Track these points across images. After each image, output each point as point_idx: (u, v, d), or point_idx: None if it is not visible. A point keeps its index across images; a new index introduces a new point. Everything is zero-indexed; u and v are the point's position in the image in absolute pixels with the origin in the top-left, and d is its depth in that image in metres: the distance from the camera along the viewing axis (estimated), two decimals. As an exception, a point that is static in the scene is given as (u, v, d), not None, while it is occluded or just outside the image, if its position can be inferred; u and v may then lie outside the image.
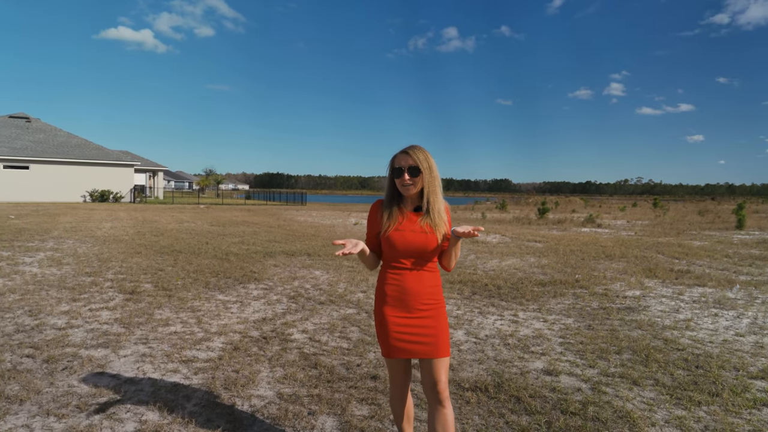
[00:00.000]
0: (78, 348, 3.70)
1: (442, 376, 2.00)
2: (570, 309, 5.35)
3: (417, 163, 1.99)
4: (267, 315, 4.80)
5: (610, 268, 8.12)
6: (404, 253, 2.02)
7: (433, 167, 2.02)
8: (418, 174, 2.00)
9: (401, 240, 2.00)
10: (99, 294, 5.44)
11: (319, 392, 3.03)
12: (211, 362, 3.50)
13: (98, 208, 23.64)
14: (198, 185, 69.30)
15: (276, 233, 12.94)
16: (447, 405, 1.99)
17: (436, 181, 2.04)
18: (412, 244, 2.01)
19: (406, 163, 2.00)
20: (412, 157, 2.00)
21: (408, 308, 2.02)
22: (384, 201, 2.10)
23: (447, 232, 2.04)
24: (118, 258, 7.96)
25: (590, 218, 20.49)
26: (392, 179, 2.06)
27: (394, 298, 2.02)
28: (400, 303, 2.02)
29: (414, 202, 2.08)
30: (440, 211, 2.03)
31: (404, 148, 2.04)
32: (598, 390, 3.16)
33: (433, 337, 2.00)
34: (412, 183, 2.00)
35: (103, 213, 19.79)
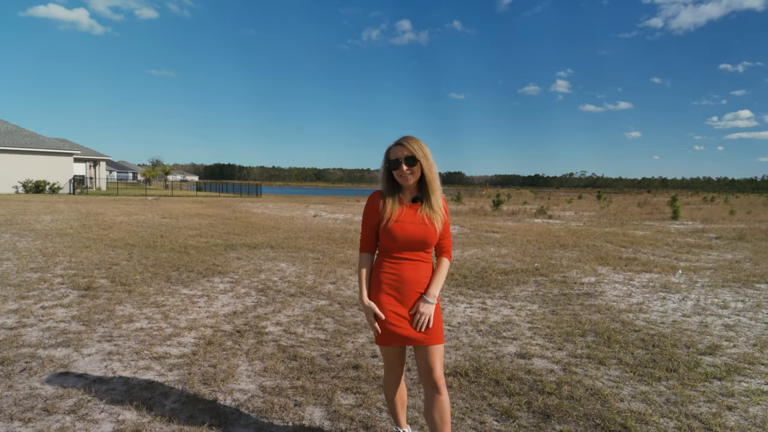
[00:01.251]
0: (35, 348, 3.45)
1: (437, 364, 2.02)
2: (534, 296, 5.59)
3: (413, 153, 2.00)
4: (237, 308, 4.68)
5: (566, 257, 8.53)
6: (404, 245, 2.02)
7: (428, 156, 2.03)
8: (415, 163, 2.00)
9: (402, 232, 2.00)
10: (50, 291, 5.08)
11: (302, 384, 3.01)
12: (185, 358, 3.37)
13: (33, 199, 21.94)
14: (143, 176, 65.84)
15: (234, 226, 12.57)
16: (443, 392, 2.03)
17: (433, 169, 2.05)
18: (413, 236, 2.01)
19: (402, 154, 2.00)
20: (407, 147, 2.00)
21: (403, 297, 2.02)
22: (382, 192, 2.08)
23: (444, 218, 2.07)
24: (65, 252, 7.45)
25: (542, 210, 21.39)
26: (388, 171, 2.06)
27: (390, 286, 2.02)
28: (396, 292, 2.02)
29: (412, 193, 2.09)
30: (439, 201, 2.05)
31: (398, 140, 2.03)
32: (568, 371, 3.34)
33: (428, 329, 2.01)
34: (411, 173, 2.01)
35: (40, 205, 18.40)
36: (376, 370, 3.27)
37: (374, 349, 3.67)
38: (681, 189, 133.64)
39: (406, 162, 1.99)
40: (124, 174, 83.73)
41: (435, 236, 2.04)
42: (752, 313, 5.01)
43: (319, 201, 30.63)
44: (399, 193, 2.08)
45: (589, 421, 2.64)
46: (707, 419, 2.68)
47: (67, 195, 27.44)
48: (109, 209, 17.35)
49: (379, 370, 3.26)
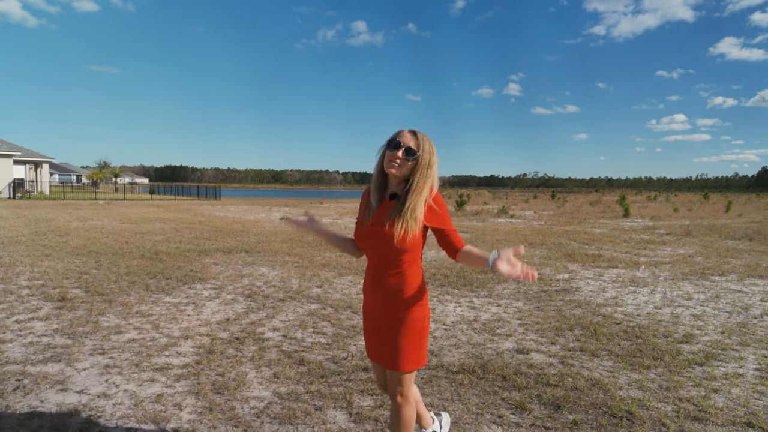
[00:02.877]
0: (22, 365, 3.25)
1: (397, 388, 1.89)
2: (516, 293, 5.81)
3: (419, 150, 1.79)
4: (229, 315, 4.58)
5: (536, 255, 8.90)
6: (366, 250, 1.88)
7: (432, 164, 1.80)
8: (413, 158, 1.78)
9: (360, 234, 1.88)
10: (20, 303, 4.77)
11: (317, 388, 3.01)
12: (189, 368, 3.29)
13: (-31, 205, 20.28)
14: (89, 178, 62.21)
15: (200, 230, 12.19)
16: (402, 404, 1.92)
17: (428, 178, 1.80)
18: (368, 239, 1.84)
19: (407, 141, 1.79)
20: (418, 140, 1.79)
21: (369, 311, 1.92)
22: (372, 188, 1.89)
23: (415, 229, 1.78)
24: (24, 262, 6.99)
25: (503, 210, 22.09)
26: (383, 158, 1.83)
27: (366, 297, 1.94)
28: (367, 302, 1.93)
29: (394, 187, 1.86)
30: (417, 210, 1.76)
31: (412, 129, 1.82)
32: (566, 363, 3.53)
33: (390, 348, 1.85)
34: (401, 164, 1.77)
35: (-20, 211, 17.04)
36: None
37: (379, 351, 3.72)
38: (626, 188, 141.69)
39: (406, 151, 1.77)
40: (67, 177, 78.80)
41: (393, 243, 1.75)
42: (714, 303, 5.45)
43: (282, 203, 30.14)
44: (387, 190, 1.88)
45: (597, 409, 2.81)
46: (699, 402, 2.92)
47: (6, 200, 25.53)
48: (59, 215, 16.33)
49: (389, 371, 3.31)
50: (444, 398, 2.92)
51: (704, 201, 38.12)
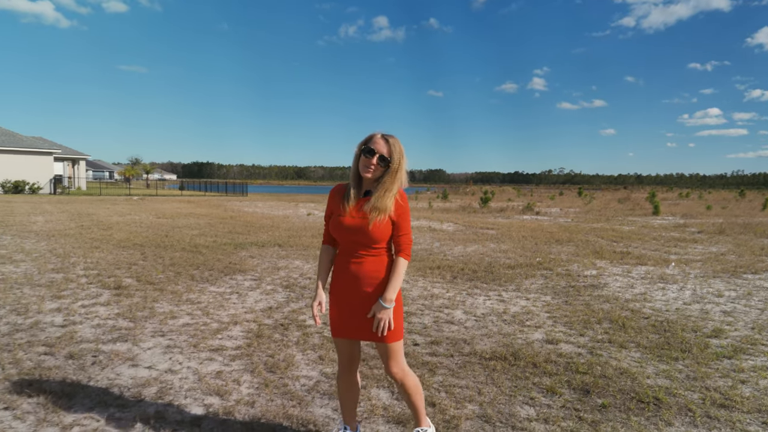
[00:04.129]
0: (94, 343, 3.62)
1: (388, 361, 2.08)
2: (544, 288, 5.96)
3: (390, 156, 1.99)
4: (271, 304, 4.90)
5: (563, 252, 8.97)
6: (343, 239, 2.05)
7: (401, 167, 2.02)
8: (385, 165, 1.99)
9: (337, 226, 2.04)
10: (81, 290, 5.20)
11: (360, 370, 3.26)
12: (241, 349, 3.60)
13: (15, 200, 21.45)
14: (121, 175, 64.45)
15: (232, 225, 12.66)
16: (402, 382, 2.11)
17: (396, 180, 2.02)
18: (347, 230, 2.02)
19: (380, 149, 1.98)
20: (389, 147, 1.99)
21: (351, 292, 2.05)
22: (350, 184, 2.08)
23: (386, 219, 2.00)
24: (77, 253, 7.50)
25: (528, 207, 21.99)
26: (358, 158, 2.03)
27: (340, 280, 2.07)
28: (345, 286, 2.06)
29: (369, 186, 2.06)
30: (386, 201, 1.99)
31: (384, 134, 2.02)
32: (594, 353, 3.69)
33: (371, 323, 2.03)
34: (374, 169, 1.98)
35: (25, 206, 18.04)
36: (423, 356, 3.55)
37: (414, 338, 3.96)
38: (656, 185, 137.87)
39: (379, 159, 1.98)
40: (101, 173, 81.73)
41: (367, 232, 1.98)
42: (745, 300, 5.47)
43: (307, 199, 30.68)
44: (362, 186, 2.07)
45: (625, 395, 2.98)
46: (726, 391, 3.05)
47: (48, 195, 26.82)
48: (99, 209, 17.15)
49: (425, 357, 3.55)
50: (478, 381, 3.13)
51: (740, 198, 36.88)
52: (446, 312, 4.78)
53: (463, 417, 2.65)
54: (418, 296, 5.40)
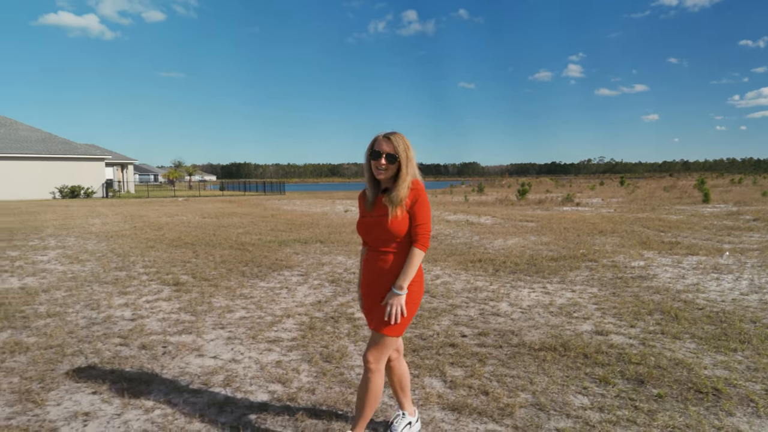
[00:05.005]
0: (162, 335, 3.89)
1: (372, 349, 2.12)
2: (589, 280, 5.87)
3: (396, 152, 2.06)
4: (319, 298, 5.08)
5: (608, 243, 8.75)
6: (368, 239, 2.17)
7: (411, 158, 2.09)
8: (394, 161, 2.07)
9: (361, 227, 2.18)
10: (144, 287, 5.56)
11: (411, 360, 3.37)
12: (296, 341, 3.78)
13: (72, 204, 22.86)
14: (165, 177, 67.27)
15: (274, 223, 13.04)
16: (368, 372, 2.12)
17: (410, 170, 2.09)
18: (369, 230, 2.13)
19: (384, 148, 2.07)
20: (392, 143, 2.07)
21: (372, 288, 2.14)
22: (366, 188, 2.19)
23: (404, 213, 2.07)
24: (135, 253, 7.98)
25: (568, 198, 21.43)
26: (369, 162, 2.12)
27: (365, 278, 2.19)
28: (367, 282, 2.17)
29: (385, 183, 2.15)
30: (401, 192, 2.06)
31: (386, 133, 2.09)
32: (647, 344, 3.64)
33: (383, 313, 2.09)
34: (386, 168, 2.07)
35: (83, 209, 19.21)
36: (472, 347, 3.62)
37: (462, 330, 4.02)
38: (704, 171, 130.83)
39: (386, 158, 2.06)
40: (146, 176, 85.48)
41: (387, 227, 2.06)
42: (808, 290, 5.21)
43: (343, 196, 31.07)
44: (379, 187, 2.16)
45: (682, 385, 2.94)
46: (789, 382, 2.96)
47: (101, 199, 28.43)
48: (148, 211, 18.04)
49: (474, 348, 3.61)
50: (529, 371, 3.17)
51: (799, 183, 34.50)
52: (491, 304, 4.81)
53: (517, 405, 2.70)
54: (461, 289, 5.45)
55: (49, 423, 2.54)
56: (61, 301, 4.91)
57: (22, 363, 3.31)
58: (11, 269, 6.55)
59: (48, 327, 4.08)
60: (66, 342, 3.71)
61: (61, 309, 4.63)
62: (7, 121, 30.99)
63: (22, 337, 3.83)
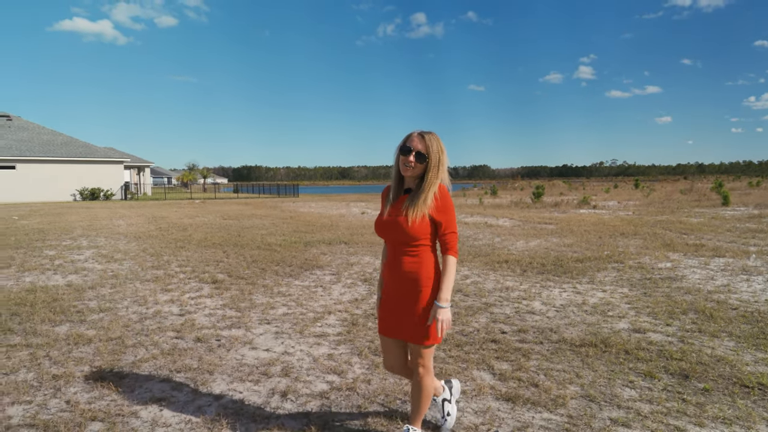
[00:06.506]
0: (213, 330, 4.06)
1: (419, 360, 2.12)
2: (618, 280, 5.94)
3: (427, 152, 2.01)
4: (356, 296, 5.23)
5: (631, 245, 8.78)
6: (386, 238, 2.13)
7: (443, 162, 2.04)
8: (423, 161, 2.02)
9: (378, 225, 2.13)
10: (184, 285, 5.75)
11: (456, 354, 3.50)
12: (342, 335, 3.92)
13: (94, 206, 23.34)
14: (179, 180, 68.16)
15: (295, 225, 13.24)
16: (423, 375, 2.15)
17: (436, 176, 2.04)
18: (386, 229, 2.09)
19: (417, 146, 2.02)
20: (426, 142, 2.02)
21: (391, 291, 2.11)
22: (391, 186, 2.14)
23: (425, 216, 2.02)
24: (167, 252, 8.20)
25: (585, 200, 21.38)
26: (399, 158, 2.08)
27: (385, 279, 2.17)
28: (387, 284, 2.14)
29: (409, 184, 2.11)
30: (427, 197, 2.01)
31: (421, 131, 2.05)
32: (686, 342, 3.72)
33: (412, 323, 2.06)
34: (414, 166, 2.02)
35: (105, 211, 19.62)
36: (513, 343, 3.73)
37: (500, 327, 4.14)
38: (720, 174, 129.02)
39: (416, 156, 2.01)
40: (160, 179, 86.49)
41: (406, 229, 2.01)
42: (841, 291, 5.23)
43: (356, 198, 31.27)
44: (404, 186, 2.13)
45: (726, 380, 3.03)
46: (833, 378, 3.03)
47: (120, 201, 28.96)
48: (168, 213, 18.37)
49: (515, 343, 3.72)
50: (574, 366, 3.28)
51: (820, 186, 33.94)
52: (525, 303, 4.92)
53: (568, 396, 2.82)
54: (493, 288, 5.56)
55: (127, 407, 2.71)
56: (109, 297, 5.12)
57: (88, 353, 3.50)
58: (53, 267, 6.80)
59: (103, 321, 4.28)
60: (124, 335, 3.90)
61: (110, 305, 4.83)
62: (30, 126, 31.74)
63: (81, 329, 4.03)
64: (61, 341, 3.74)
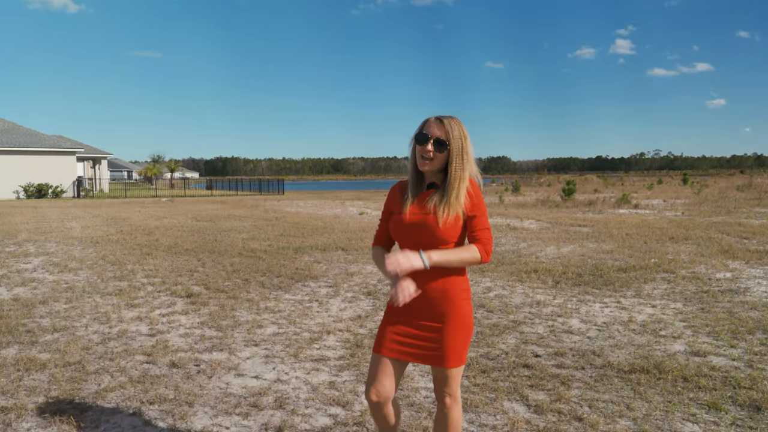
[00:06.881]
0: (190, 352, 4.05)
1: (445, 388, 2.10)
2: (670, 293, 5.94)
3: (448, 139, 1.97)
4: (358, 313, 5.22)
5: (682, 251, 8.79)
6: (404, 240, 2.04)
7: (468, 151, 2.00)
8: (444, 149, 1.97)
9: (399, 224, 2.04)
10: (153, 299, 5.75)
11: (483, 382, 3.48)
12: (345, 359, 3.91)
13: (41, 205, 23.37)
14: (142, 174, 68.24)
15: (282, 227, 13.26)
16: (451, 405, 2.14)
17: (466, 166, 1.99)
18: (408, 227, 2.01)
19: (435, 132, 1.97)
20: (445, 128, 1.97)
21: (408, 308, 2.02)
22: (408, 181, 2.10)
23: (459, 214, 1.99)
24: (131, 260, 8.20)
25: (624, 198, 21.42)
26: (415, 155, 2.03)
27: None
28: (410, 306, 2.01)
29: (431, 179, 2.06)
30: (459, 194, 1.97)
31: (439, 116, 2.01)
32: (754, 367, 3.71)
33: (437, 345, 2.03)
34: (432, 157, 1.97)
35: (54, 211, 19.65)
36: (550, 369, 3.72)
37: (533, 349, 4.13)
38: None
39: (435, 144, 1.97)
40: (119, 173, 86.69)
41: (437, 231, 1.97)
42: None
43: (353, 196, 31.34)
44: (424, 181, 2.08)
45: (806, 412, 3.02)
46: None
47: (73, 199, 28.98)
48: (131, 213, 18.39)
49: (552, 369, 3.71)
50: (623, 396, 3.27)
51: None
52: (560, 321, 4.91)
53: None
54: (521, 303, 5.55)
55: (92, 446, 2.69)
56: (65, 314, 5.11)
57: (42, 381, 3.49)
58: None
59: (58, 342, 4.27)
60: (85, 359, 3.89)
61: (67, 323, 4.82)
62: (-36, 109, 31.74)
63: (33, 353, 4.02)
64: (9, 367, 3.72)
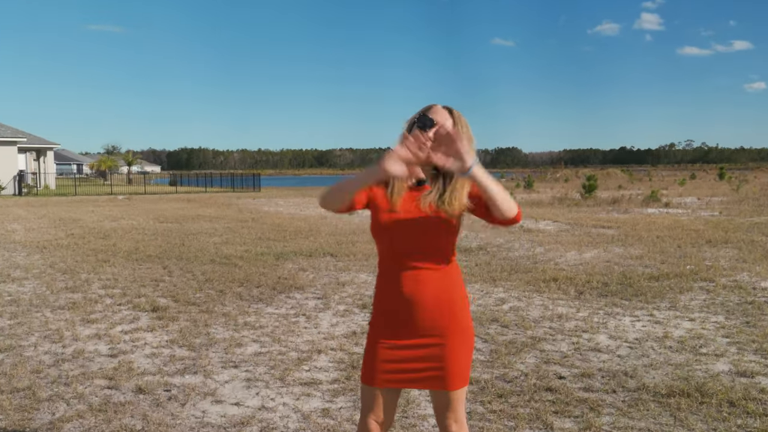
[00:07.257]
0: (159, 375, 4.03)
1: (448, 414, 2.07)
2: (710, 305, 6.00)
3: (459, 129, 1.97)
4: (353, 328, 5.23)
5: (722, 256, 8.88)
6: (391, 241, 2.01)
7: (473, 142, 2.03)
8: None
9: (386, 223, 1.99)
10: (113, 313, 5.72)
11: (500, 408, 3.50)
12: (339, 383, 3.91)
13: (-23, 204, 23.19)
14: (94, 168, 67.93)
15: (259, 229, 13.26)
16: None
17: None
18: (401, 227, 1.97)
19: (444, 120, 1.95)
20: (454, 117, 1.99)
21: (403, 324, 2.00)
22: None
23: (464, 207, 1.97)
24: (85, 269, 8.17)
25: (653, 196, 21.60)
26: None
27: (386, 311, 2.04)
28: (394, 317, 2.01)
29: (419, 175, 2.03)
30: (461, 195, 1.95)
31: (445, 105, 2.02)
32: (810, 389, 3.76)
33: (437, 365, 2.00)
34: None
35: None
36: (576, 392, 3.74)
37: (556, 370, 4.15)
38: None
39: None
40: (67, 166, 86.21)
41: (435, 231, 1.98)
42: None
43: (341, 194, 31.34)
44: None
45: None
46: None
47: (14, 197, 28.77)
48: (83, 214, 18.31)
49: (579, 392, 3.73)
50: (661, 423, 3.29)
51: None
52: (586, 337, 4.94)
53: (659, 465, 2.83)
54: (540, 317, 5.58)
55: (48, 486, 2.68)
56: (9, 332, 5.07)
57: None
58: (-73, 290, 6.74)
59: (4, 365, 4.24)
60: (35, 384, 3.86)
61: (12, 342, 4.79)
62: None
63: (-26, 377, 3.98)
64: (-52, 393, 3.69)
